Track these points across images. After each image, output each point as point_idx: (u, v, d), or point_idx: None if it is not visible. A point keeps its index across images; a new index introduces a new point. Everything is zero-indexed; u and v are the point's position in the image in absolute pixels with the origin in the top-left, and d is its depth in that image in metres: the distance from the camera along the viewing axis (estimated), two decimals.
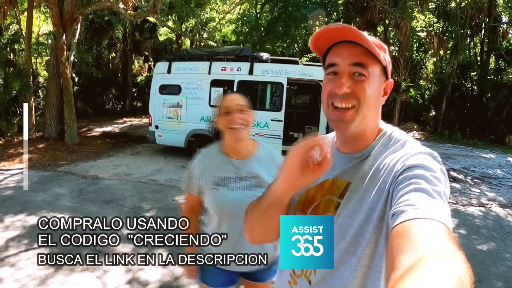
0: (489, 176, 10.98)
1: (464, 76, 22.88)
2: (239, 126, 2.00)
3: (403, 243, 0.77)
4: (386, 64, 1.12)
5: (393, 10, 16.18)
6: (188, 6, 18.66)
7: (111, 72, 23.42)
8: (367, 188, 1.07)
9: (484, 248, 5.61)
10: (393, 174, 1.01)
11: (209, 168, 2.13)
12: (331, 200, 1.15)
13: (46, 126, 11.97)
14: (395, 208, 0.88)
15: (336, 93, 1.09)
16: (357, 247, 1.05)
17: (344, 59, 1.08)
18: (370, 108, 1.11)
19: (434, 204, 0.85)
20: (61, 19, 11.06)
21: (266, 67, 9.79)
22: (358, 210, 1.06)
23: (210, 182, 2.10)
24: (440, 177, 0.95)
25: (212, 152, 2.19)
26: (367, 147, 1.16)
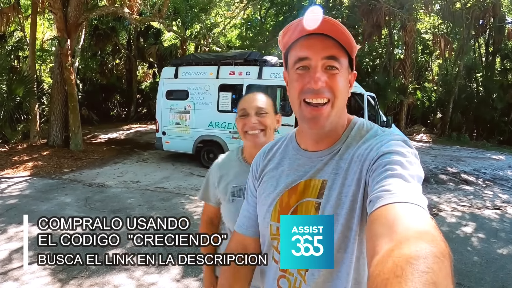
0: (501, 177, 10.87)
1: (470, 78, 22.85)
2: (255, 131, 1.78)
3: (380, 227, 0.77)
4: (353, 56, 1.11)
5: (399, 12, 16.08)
6: (192, 11, 18.63)
7: (115, 78, 23.48)
8: (344, 181, 1.06)
9: (504, 252, 5.45)
10: (368, 163, 1.00)
11: (227, 176, 1.91)
12: (308, 202, 1.12)
13: (51, 133, 11.86)
14: (371, 195, 0.88)
15: (311, 88, 1.05)
16: (347, 242, 1.04)
17: (317, 52, 1.05)
18: (343, 102, 1.10)
19: (409, 187, 0.85)
20: (65, 24, 11.01)
21: (276, 71, 9.63)
22: (341, 205, 1.05)
23: (228, 192, 1.88)
24: (413, 161, 0.95)
25: (231, 158, 1.98)
26: (337, 142, 1.14)
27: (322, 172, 1.12)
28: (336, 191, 1.06)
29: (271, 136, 1.83)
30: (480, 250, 5.41)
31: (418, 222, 0.74)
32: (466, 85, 22.71)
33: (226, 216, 1.92)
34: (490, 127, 21.30)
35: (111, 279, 3.99)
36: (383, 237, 0.73)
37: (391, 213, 0.78)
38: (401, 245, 0.66)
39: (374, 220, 0.81)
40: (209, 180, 1.98)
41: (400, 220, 0.75)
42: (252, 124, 1.77)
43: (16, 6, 13.43)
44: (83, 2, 11.41)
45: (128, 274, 4.12)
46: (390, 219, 0.76)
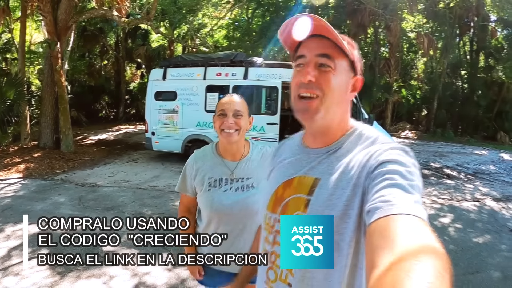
0: (482, 172, 11.15)
1: (454, 75, 23.06)
2: (231, 130, 1.99)
3: (380, 240, 0.76)
4: (353, 58, 1.13)
5: (383, 12, 16.33)
6: (180, 12, 18.70)
7: (104, 79, 23.34)
8: (337, 183, 1.06)
9: (480, 240, 5.73)
10: (367, 170, 1.00)
11: (203, 169, 2.11)
12: (299, 198, 1.13)
13: (42, 135, 11.91)
14: (370, 205, 0.88)
15: (301, 81, 1.10)
16: (336, 246, 1.02)
17: (311, 50, 1.10)
18: (335, 100, 1.11)
19: (409, 198, 0.85)
20: (55, 27, 11.05)
21: (261, 72, 9.87)
22: (330, 206, 1.04)
23: (204, 183, 2.08)
24: (413, 172, 0.95)
25: (207, 152, 2.18)
26: (335, 142, 1.16)
27: (315, 170, 1.14)
28: (327, 191, 1.06)
29: (243, 135, 2.07)
30: (456, 239, 5.67)
31: (418, 235, 0.73)
32: (451, 82, 22.92)
33: (203, 204, 2.10)
34: (474, 123, 21.54)
35: (107, 271, 4.20)
36: (383, 249, 0.72)
37: (391, 225, 0.78)
38: (402, 259, 0.66)
39: (373, 231, 0.81)
40: (186, 173, 2.16)
41: (401, 232, 0.75)
42: (229, 124, 1.98)
43: (6, 9, 13.42)
44: (72, 5, 11.45)
45: (123, 265, 4.30)
46: (390, 231, 0.76)
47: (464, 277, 4.43)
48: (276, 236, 1.19)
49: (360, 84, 1.18)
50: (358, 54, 1.16)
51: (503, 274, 4.60)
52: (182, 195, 2.23)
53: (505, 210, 7.40)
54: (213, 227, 2.10)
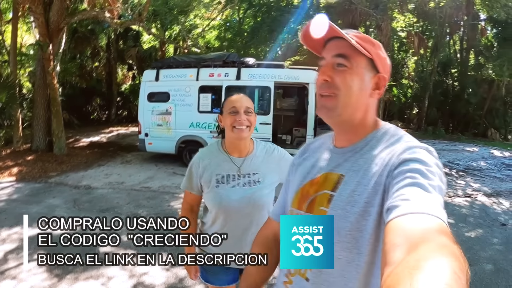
0: (474, 168, 11.32)
1: (445, 73, 23.29)
2: (243, 126, 2.04)
3: (396, 238, 0.76)
4: (373, 57, 1.14)
5: (374, 12, 16.42)
6: (171, 13, 18.67)
7: (95, 81, 23.16)
8: (360, 180, 1.07)
9: (472, 235, 5.87)
10: (389, 168, 1.00)
11: (210, 166, 2.14)
12: (324, 194, 1.15)
13: (34, 138, 11.83)
14: (390, 203, 0.88)
15: (320, 81, 1.15)
16: (354, 242, 1.04)
17: (329, 52, 1.14)
18: (353, 98, 1.13)
19: (428, 198, 0.84)
20: (47, 29, 10.98)
21: (253, 72, 9.93)
22: (352, 202, 1.05)
23: (212, 180, 2.11)
24: (435, 171, 0.94)
25: (212, 150, 2.22)
26: (361, 140, 1.17)
27: (341, 167, 1.15)
28: (350, 188, 1.08)
29: (252, 132, 2.12)
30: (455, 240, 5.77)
31: (437, 235, 0.73)
32: (442, 80, 23.14)
33: (211, 201, 2.14)
34: (465, 120, 21.80)
35: (105, 272, 4.22)
36: (400, 248, 0.72)
37: (409, 223, 0.78)
38: (419, 258, 0.65)
39: (391, 229, 0.80)
40: (192, 171, 2.18)
41: (419, 232, 0.74)
42: (241, 120, 2.03)
43: None
44: (64, 6, 11.37)
45: (121, 266, 4.33)
46: (408, 230, 0.76)
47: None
48: None
49: (384, 82, 1.18)
50: (382, 53, 1.17)
51: (495, 267, 4.72)
52: (186, 193, 2.26)
53: (496, 205, 7.57)
54: (221, 224, 2.14)
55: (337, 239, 1.04)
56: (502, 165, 12.12)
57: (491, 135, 19.96)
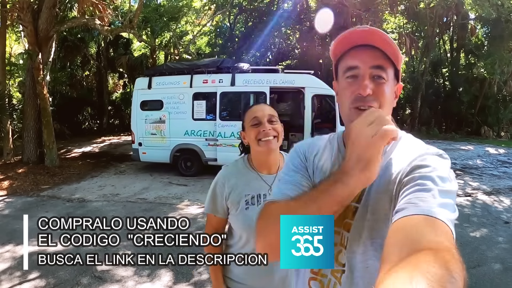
0: (470, 167, 11.36)
1: (436, 73, 23.48)
2: (269, 137, 1.84)
3: (398, 237, 0.78)
4: (399, 68, 1.13)
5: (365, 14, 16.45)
6: (162, 20, 18.59)
7: (86, 90, 23.03)
8: (377, 188, 1.07)
9: (477, 234, 5.85)
10: (400, 175, 1.01)
11: (238, 185, 1.92)
12: (349, 206, 1.10)
13: (25, 150, 11.60)
14: (398, 206, 0.89)
15: (360, 95, 1.08)
16: (380, 250, 0.94)
17: (365, 62, 1.08)
18: (389, 110, 1.12)
19: (436, 202, 0.85)
20: (36, 37, 10.79)
21: (248, 77, 9.82)
22: (373, 211, 1.06)
23: (241, 201, 1.90)
24: (445, 176, 0.94)
25: (239, 167, 2.00)
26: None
27: None
28: (371, 198, 1.08)
29: (280, 142, 1.91)
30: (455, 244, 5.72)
31: (438, 237, 0.74)
32: (433, 80, 23.32)
33: (241, 224, 1.91)
34: (458, 119, 21.93)
35: None
36: (401, 247, 0.73)
37: (411, 224, 0.79)
38: (418, 259, 0.66)
39: (395, 229, 0.82)
40: (216, 192, 1.97)
41: (420, 232, 0.76)
42: (267, 130, 1.83)
43: None
44: (53, 14, 11.21)
45: (120, 285, 4.20)
46: (411, 230, 0.78)
47: (466, 272, 4.43)
48: None
49: (400, 91, 1.19)
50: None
51: (503, 266, 4.70)
52: (209, 215, 2.04)
53: (497, 203, 7.60)
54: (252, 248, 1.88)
55: (364, 249, 1.06)
56: (498, 162, 12.18)
57: (485, 133, 20.10)
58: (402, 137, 1.17)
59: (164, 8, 18.76)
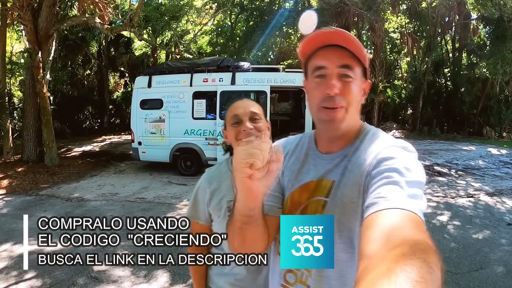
0: (472, 167, 11.30)
1: (438, 73, 23.41)
2: (252, 138, 1.66)
3: (374, 232, 0.78)
4: (367, 66, 1.16)
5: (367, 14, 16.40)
6: (163, 19, 18.57)
7: (87, 89, 23.01)
8: (346, 182, 1.09)
9: (480, 236, 5.77)
10: (367, 168, 1.04)
11: (220, 191, 1.76)
12: (318, 200, 1.15)
13: (25, 148, 11.58)
14: (368, 201, 0.91)
15: (327, 94, 1.10)
16: (349, 243, 1.06)
17: (333, 62, 1.11)
18: (357, 107, 1.16)
19: (405, 194, 0.87)
20: (36, 36, 10.77)
21: (249, 76, 9.78)
22: (341, 205, 1.08)
23: (223, 208, 1.73)
24: (411, 167, 0.97)
25: (221, 171, 1.82)
26: (349, 145, 1.18)
27: (332, 173, 1.15)
28: (340, 192, 1.09)
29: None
30: (456, 237, 5.69)
31: (413, 230, 0.75)
32: (435, 80, 23.26)
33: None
34: (460, 119, 21.86)
35: None
36: (376, 242, 0.74)
37: (385, 218, 0.80)
38: (395, 252, 0.66)
39: (369, 224, 0.83)
40: (198, 197, 1.82)
41: (395, 226, 0.76)
42: (248, 130, 1.64)
43: None
44: (53, 13, 11.18)
45: (116, 286, 4.16)
46: (385, 225, 0.78)
47: (469, 275, 4.45)
48: None
49: (369, 88, 1.22)
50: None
51: (506, 269, 4.63)
52: (193, 222, 1.81)
53: (500, 204, 7.52)
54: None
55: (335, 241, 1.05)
56: (500, 163, 12.11)
57: (486, 133, 20.03)
58: (370, 131, 1.20)
59: (165, 7, 18.74)
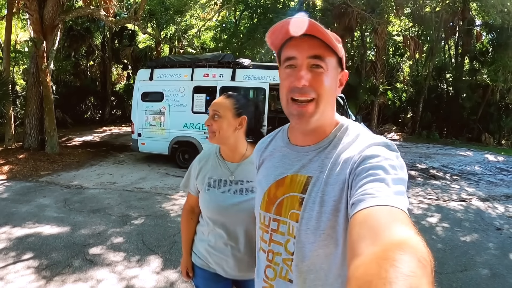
0: (468, 172, 11.35)
1: (439, 78, 23.42)
2: (210, 132, 1.94)
3: (363, 230, 0.78)
4: (341, 55, 1.13)
5: (370, 16, 16.46)
6: (168, 13, 18.63)
7: (89, 80, 23.07)
8: (327, 180, 1.08)
9: (467, 239, 5.85)
10: (351, 166, 1.03)
11: (205, 169, 2.06)
12: (293, 196, 1.15)
13: (26, 136, 11.70)
14: (354, 198, 0.91)
15: (295, 86, 1.08)
16: (330, 239, 1.06)
17: (302, 52, 1.08)
18: (329, 100, 1.12)
19: (391, 191, 0.87)
20: (41, 25, 10.86)
21: (248, 73, 9.87)
22: (322, 203, 1.07)
23: (205, 183, 2.03)
24: (396, 165, 0.97)
25: (210, 153, 2.12)
26: (324, 139, 1.17)
27: (307, 168, 1.15)
28: (319, 189, 1.09)
29: (222, 138, 1.95)
30: (444, 238, 5.78)
31: (401, 226, 0.75)
32: (436, 85, 23.26)
33: (202, 204, 2.04)
34: (459, 125, 21.87)
35: (94, 274, 4.14)
36: (366, 239, 0.74)
37: (373, 216, 0.80)
38: (385, 248, 0.67)
39: (355, 222, 0.83)
40: (190, 172, 2.13)
41: (383, 223, 0.76)
42: (210, 126, 1.95)
43: None
44: (59, 3, 11.26)
45: (110, 269, 4.28)
46: (373, 222, 0.78)
47: (453, 275, 4.52)
48: (272, 235, 1.20)
49: (346, 78, 1.19)
50: (342, 48, 1.14)
51: (491, 272, 4.71)
52: (188, 193, 2.20)
53: (491, 210, 7.58)
54: (210, 228, 2.04)
55: (313, 239, 1.08)
56: (496, 170, 12.16)
57: (485, 140, 20.04)
58: (347, 126, 1.19)
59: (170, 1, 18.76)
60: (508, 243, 5.81)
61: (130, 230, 5.57)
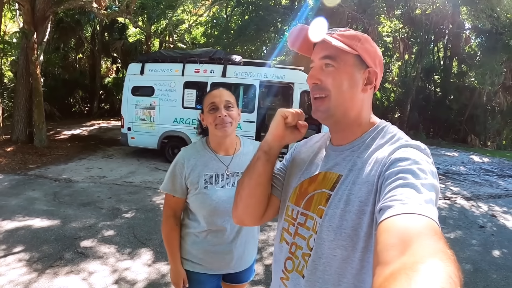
0: (453, 172, 11.58)
1: (428, 80, 23.71)
2: (226, 123, 1.92)
3: (390, 238, 0.76)
4: (358, 53, 1.14)
5: (361, 16, 16.56)
6: (159, 7, 18.53)
7: (78, 73, 22.75)
8: (355, 180, 1.07)
9: (452, 236, 6.04)
10: (381, 168, 1.02)
11: (197, 166, 1.99)
12: (323, 193, 1.15)
13: (14, 129, 11.58)
14: (382, 203, 0.89)
15: (309, 84, 1.18)
16: (349, 240, 1.04)
17: (316, 55, 1.17)
18: (345, 96, 1.14)
19: (421, 198, 0.85)
20: (32, 17, 10.76)
21: (239, 70, 9.92)
22: (347, 201, 1.06)
23: (200, 181, 1.97)
24: (426, 169, 0.95)
25: (198, 149, 2.06)
26: (357, 139, 1.18)
27: (339, 166, 1.16)
28: (347, 188, 1.08)
29: (235, 127, 2.01)
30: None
31: (432, 238, 0.73)
32: (424, 86, 23.55)
33: (199, 203, 1.99)
34: (446, 126, 22.17)
35: (86, 267, 4.16)
36: (394, 248, 0.73)
37: (402, 224, 0.79)
38: (415, 260, 0.66)
39: (384, 229, 0.81)
40: (175, 172, 2.02)
41: (414, 233, 0.75)
42: (223, 117, 1.90)
43: None
44: None
45: (102, 261, 4.31)
46: (402, 231, 0.77)
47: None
48: (298, 228, 1.21)
49: (376, 75, 1.18)
50: (370, 46, 1.17)
51: (474, 267, 4.89)
52: (168, 196, 2.07)
53: (475, 208, 7.79)
54: (209, 227, 2.01)
55: (333, 237, 1.06)
56: (480, 170, 12.40)
57: (471, 141, 20.34)
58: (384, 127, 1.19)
59: None
60: (491, 240, 6.00)
61: (121, 224, 5.60)
